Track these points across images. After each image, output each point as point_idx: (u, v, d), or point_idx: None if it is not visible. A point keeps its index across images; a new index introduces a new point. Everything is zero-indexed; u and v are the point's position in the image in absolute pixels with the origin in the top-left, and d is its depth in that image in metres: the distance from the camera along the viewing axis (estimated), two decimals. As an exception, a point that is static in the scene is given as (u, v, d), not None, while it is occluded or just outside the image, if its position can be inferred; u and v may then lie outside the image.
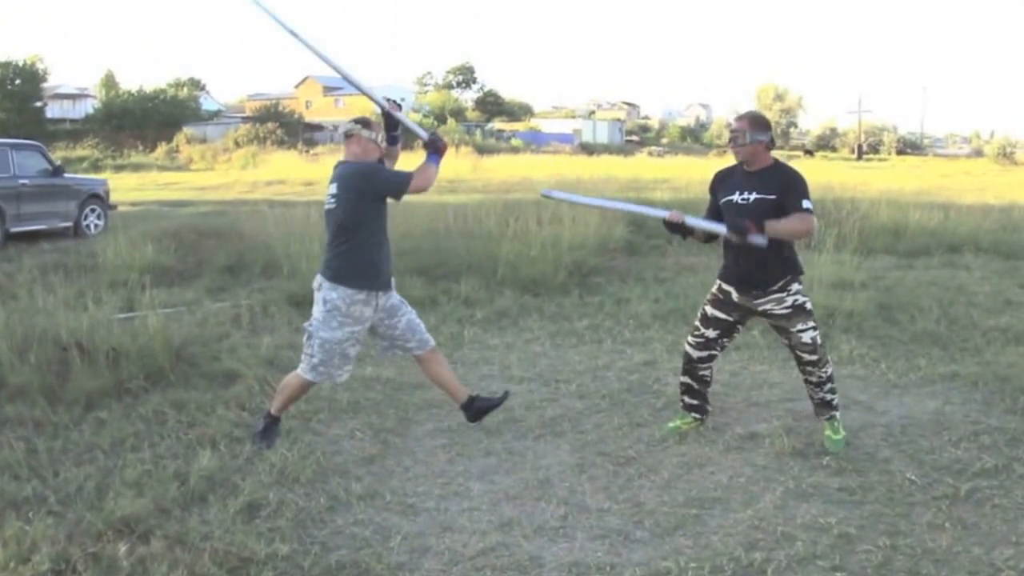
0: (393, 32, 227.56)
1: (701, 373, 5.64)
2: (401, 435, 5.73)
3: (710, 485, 4.84)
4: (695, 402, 5.72)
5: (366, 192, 5.31)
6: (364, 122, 5.61)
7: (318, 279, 5.38)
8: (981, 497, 4.59)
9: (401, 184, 5.34)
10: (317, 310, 5.33)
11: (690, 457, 5.24)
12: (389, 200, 5.46)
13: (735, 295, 5.38)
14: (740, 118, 5.36)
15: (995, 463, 5.01)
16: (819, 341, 5.30)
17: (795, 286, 5.24)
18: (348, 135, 5.55)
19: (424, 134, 5.66)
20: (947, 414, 5.89)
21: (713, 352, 5.56)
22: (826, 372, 5.34)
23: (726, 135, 6.13)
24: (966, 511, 4.44)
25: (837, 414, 5.42)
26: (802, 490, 4.73)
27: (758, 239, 5.01)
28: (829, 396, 5.38)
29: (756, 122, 5.27)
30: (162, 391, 6.45)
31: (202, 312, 8.93)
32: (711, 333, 5.50)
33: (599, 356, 7.55)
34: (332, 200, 5.37)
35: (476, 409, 5.78)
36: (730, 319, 5.45)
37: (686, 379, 5.68)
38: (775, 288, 5.22)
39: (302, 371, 5.39)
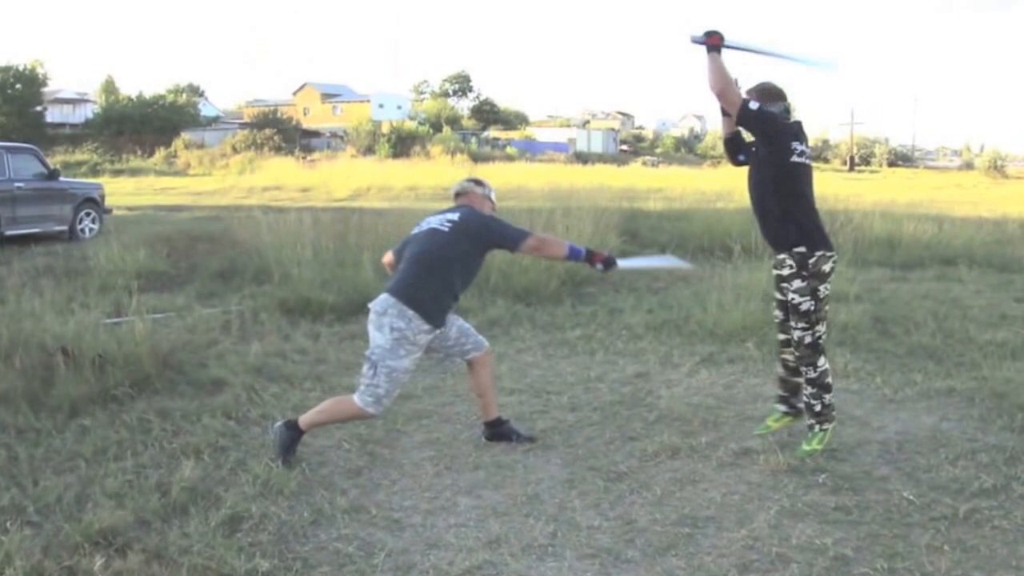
0: (394, 38, 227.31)
1: (783, 358, 5.57)
2: (389, 447, 5.61)
3: (703, 503, 4.73)
4: (783, 394, 5.64)
5: (482, 239, 5.30)
6: (477, 181, 5.66)
7: (386, 302, 5.16)
8: (980, 518, 4.48)
9: (517, 240, 5.30)
10: (382, 338, 5.12)
11: (683, 473, 5.13)
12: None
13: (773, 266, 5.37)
14: (750, 90, 5.30)
15: (994, 483, 4.90)
16: (807, 341, 5.22)
17: (801, 251, 5.15)
18: (459, 193, 5.60)
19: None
20: (944, 431, 5.78)
21: (788, 336, 5.42)
22: (812, 374, 5.26)
23: (720, 147, 6.10)
24: (965, 533, 4.33)
25: (818, 427, 5.30)
26: (797, 509, 4.62)
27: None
28: (814, 402, 5.28)
29: (766, 94, 5.23)
30: (148, 398, 6.37)
31: (192, 318, 8.87)
32: (779, 314, 5.45)
33: (591, 367, 7.45)
34: (447, 224, 5.31)
35: (500, 432, 5.66)
36: (782, 297, 5.37)
37: (778, 367, 5.67)
38: (783, 250, 5.21)
39: (364, 403, 5.15)
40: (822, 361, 5.27)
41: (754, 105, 5.12)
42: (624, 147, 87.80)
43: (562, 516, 4.57)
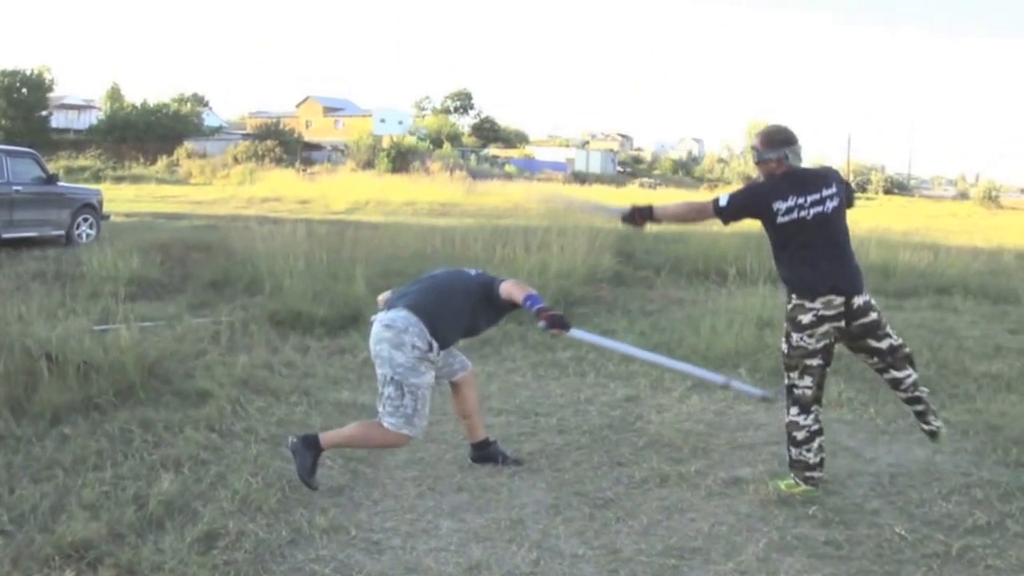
0: (398, 48, 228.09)
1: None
2: (372, 465, 5.52)
3: (691, 533, 4.63)
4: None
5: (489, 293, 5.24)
6: None
7: (407, 320, 4.99)
8: (974, 556, 4.37)
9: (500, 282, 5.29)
10: (403, 356, 4.94)
11: (670, 502, 5.03)
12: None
13: None
14: (757, 134, 5.24)
15: (988, 519, 4.79)
16: (785, 383, 5.17)
17: (794, 298, 5.06)
18: None
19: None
20: (937, 464, 5.68)
21: None
22: (785, 418, 5.19)
23: (717, 169, 6.00)
24: (958, 571, 4.23)
25: (793, 477, 5.16)
26: (786, 542, 4.52)
27: None
28: (789, 445, 5.17)
29: (767, 139, 5.12)
30: (131, 408, 6.28)
31: (182, 327, 8.80)
32: None
33: (581, 389, 7.37)
34: (474, 272, 5.47)
35: (487, 454, 5.57)
36: None
37: None
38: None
39: (396, 425, 4.97)
40: (795, 412, 5.13)
41: (723, 201, 5.11)
42: (622, 168, 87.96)
43: (545, 543, 4.48)
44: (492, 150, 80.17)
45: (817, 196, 4.95)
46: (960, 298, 12.33)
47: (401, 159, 57.69)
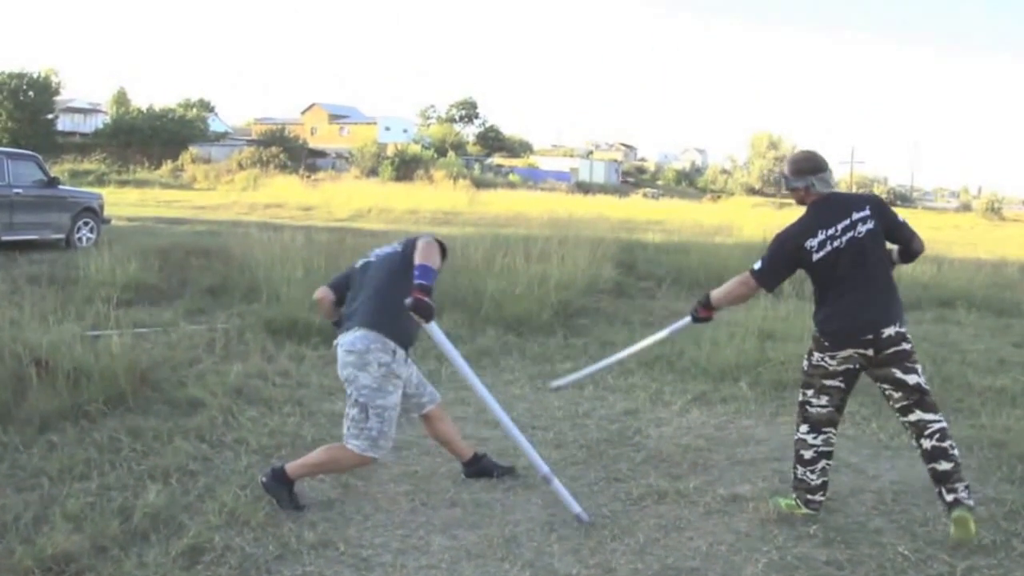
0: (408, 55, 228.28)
1: None
2: (364, 478, 5.41)
3: (688, 552, 4.52)
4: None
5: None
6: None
7: (366, 339, 4.82)
8: (979, 579, 4.27)
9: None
10: (368, 377, 4.79)
11: (668, 519, 4.91)
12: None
13: None
14: (786, 161, 5.12)
15: (993, 539, 4.67)
16: (800, 399, 5.04)
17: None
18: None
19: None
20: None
21: None
22: (799, 433, 5.03)
23: (720, 180, 5.87)
24: (962, 594, 4.12)
25: (795, 497, 5.01)
26: (787, 562, 4.40)
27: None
28: (796, 463, 5.03)
29: (794, 167, 4.97)
30: (121, 416, 6.20)
31: (176, 334, 8.70)
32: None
33: (580, 402, 7.26)
34: (396, 251, 5.10)
35: (480, 468, 5.47)
36: None
37: None
38: None
39: (359, 448, 4.84)
40: (804, 429, 4.98)
41: (756, 265, 5.03)
42: (626, 178, 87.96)
43: (539, 562, 4.37)
44: (496, 159, 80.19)
45: (847, 222, 4.76)
46: (963, 311, 12.24)
47: (405, 167, 57.71)
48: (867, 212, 4.78)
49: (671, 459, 5.88)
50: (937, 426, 4.67)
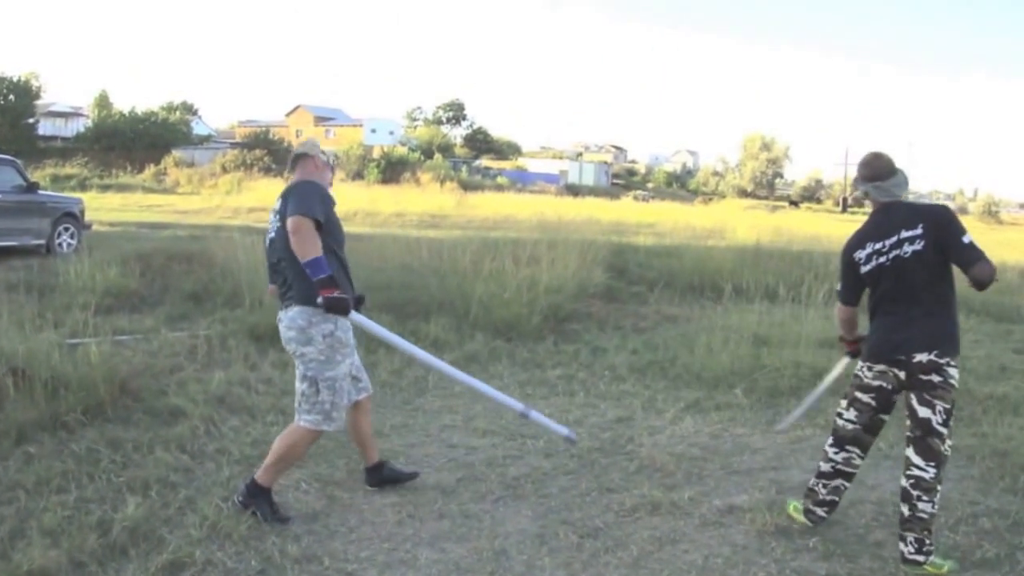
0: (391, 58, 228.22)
1: None
2: (349, 490, 5.30)
3: (683, 566, 4.40)
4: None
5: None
6: (312, 145, 5.13)
7: (303, 313, 4.72)
8: (983, 592, 4.15)
9: (293, 212, 4.59)
10: (314, 350, 4.72)
11: (662, 532, 4.79)
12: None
13: None
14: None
15: (997, 552, 4.58)
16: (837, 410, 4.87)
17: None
18: (296, 157, 5.07)
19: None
20: (943, 492, 5.36)
21: None
22: (826, 443, 4.88)
23: (712, 182, 5.70)
24: (967, 609, 4.00)
25: (802, 502, 4.90)
26: (785, 576, 4.28)
27: None
28: (817, 471, 4.90)
29: (857, 171, 4.81)
30: (100, 427, 6.06)
31: (157, 341, 8.57)
32: None
33: (571, 410, 7.15)
34: (278, 221, 4.83)
35: (383, 476, 5.31)
36: None
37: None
38: None
39: (313, 423, 4.77)
40: (829, 442, 4.86)
41: (837, 287, 4.91)
42: (616, 180, 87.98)
43: (530, 575, 4.25)
44: (484, 161, 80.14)
45: (895, 239, 4.52)
46: (963, 317, 12.11)
47: (391, 170, 57.60)
48: (918, 231, 4.47)
49: (665, 469, 5.75)
50: (918, 472, 4.45)
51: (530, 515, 4.99)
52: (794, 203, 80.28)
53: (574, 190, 63.28)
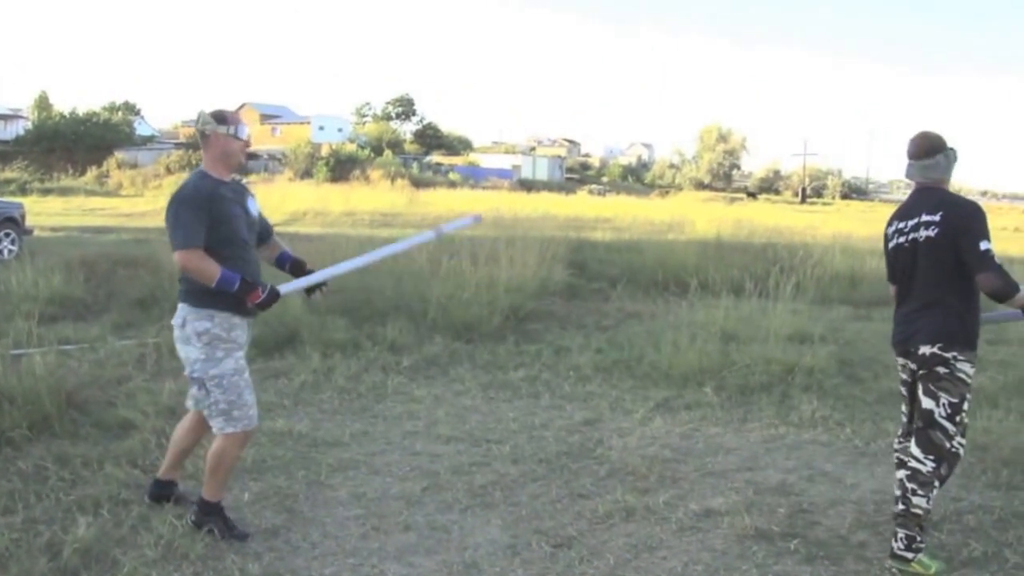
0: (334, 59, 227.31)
1: None
2: (311, 502, 5.09)
3: (662, 574, 4.26)
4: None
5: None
6: (220, 117, 4.72)
7: (180, 312, 4.55)
8: (973, 593, 4.04)
9: (173, 247, 4.45)
10: (194, 351, 4.50)
11: (638, 538, 4.64)
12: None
13: None
14: None
15: (984, 550, 4.48)
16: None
17: None
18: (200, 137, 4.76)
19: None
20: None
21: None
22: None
23: (668, 175, 5.52)
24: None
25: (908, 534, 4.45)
26: (768, 582, 4.16)
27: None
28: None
29: (907, 147, 4.68)
30: (47, 442, 5.81)
31: (104, 350, 8.32)
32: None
33: (536, 413, 6.97)
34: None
35: (165, 494, 4.98)
36: None
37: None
38: None
39: (221, 428, 4.54)
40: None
41: None
42: (570, 175, 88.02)
43: (503, 589, 4.09)
44: (435, 157, 79.77)
45: (916, 221, 4.48)
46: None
47: (341, 167, 57.24)
48: (935, 218, 4.40)
49: (637, 472, 5.60)
50: (915, 464, 4.35)
51: (500, 524, 4.83)
52: (752, 195, 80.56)
53: (528, 185, 63.08)
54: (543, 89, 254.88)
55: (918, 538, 4.25)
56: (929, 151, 4.55)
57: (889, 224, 4.66)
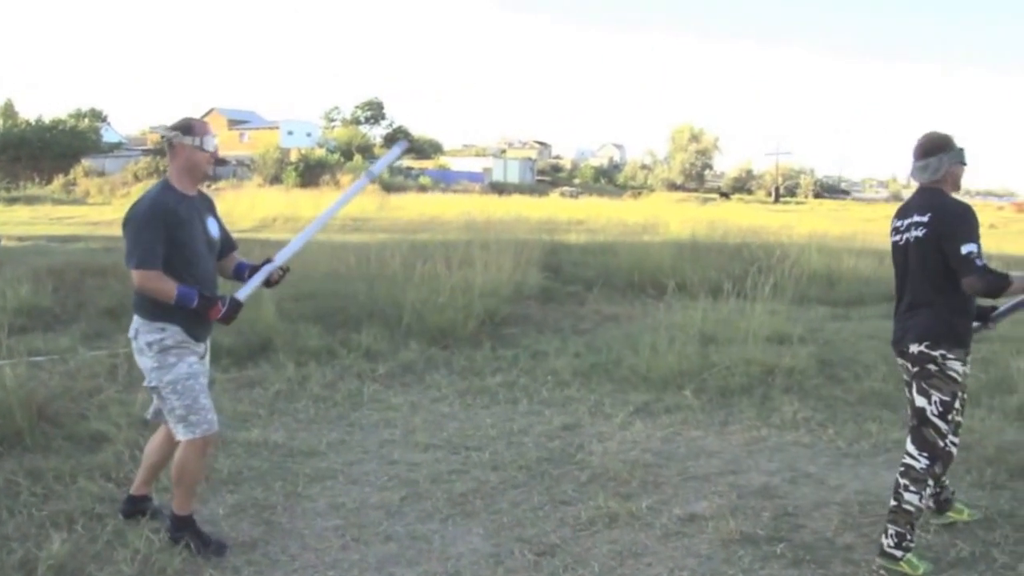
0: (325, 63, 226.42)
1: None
2: (289, 513, 5.01)
3: (647, 581, 4.19)
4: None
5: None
6: (185, 127, 4.66)
7: (133, 324, 4.48)
8: (962, 595, 4.01)
9: (128, 264, 4.41)
10: (147, 360, 4.43)
11: (622, 545, 4.59)
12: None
13: None
14: None
15: (972, 550, 4.47)
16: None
17: None
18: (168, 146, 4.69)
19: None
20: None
21: None
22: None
23: (640, 176, 5.46)
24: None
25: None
26: (754, 587, 4.11)
27: None
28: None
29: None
30: (18, 456, 5.70)
31: (75, 361, 8.17)
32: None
33: (514, 419, 6.91)
34: None
35: (133, 510, 4.90)
36: None
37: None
38: None
39: (183, 435, 4.43)
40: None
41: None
42: (542, 177, 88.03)
43: (487, 600, 4.02)
44: (405, 161, 79.55)
45: (909, 221, 4.53)
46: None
47: (310, 173, 57.04)
48: (924, 219, 4.43)
49: (619, 477, 5.56)
50: (909, 461, 4.37)
51: (482, 533, 4.77)
52: (725, 195, 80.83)
53: (499, 188, 63.11)
54: (513, 91, 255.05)
55: (908, 536, 4.24)
56: (925, 152, 4.55)
57: (892, 220, 4.71)
